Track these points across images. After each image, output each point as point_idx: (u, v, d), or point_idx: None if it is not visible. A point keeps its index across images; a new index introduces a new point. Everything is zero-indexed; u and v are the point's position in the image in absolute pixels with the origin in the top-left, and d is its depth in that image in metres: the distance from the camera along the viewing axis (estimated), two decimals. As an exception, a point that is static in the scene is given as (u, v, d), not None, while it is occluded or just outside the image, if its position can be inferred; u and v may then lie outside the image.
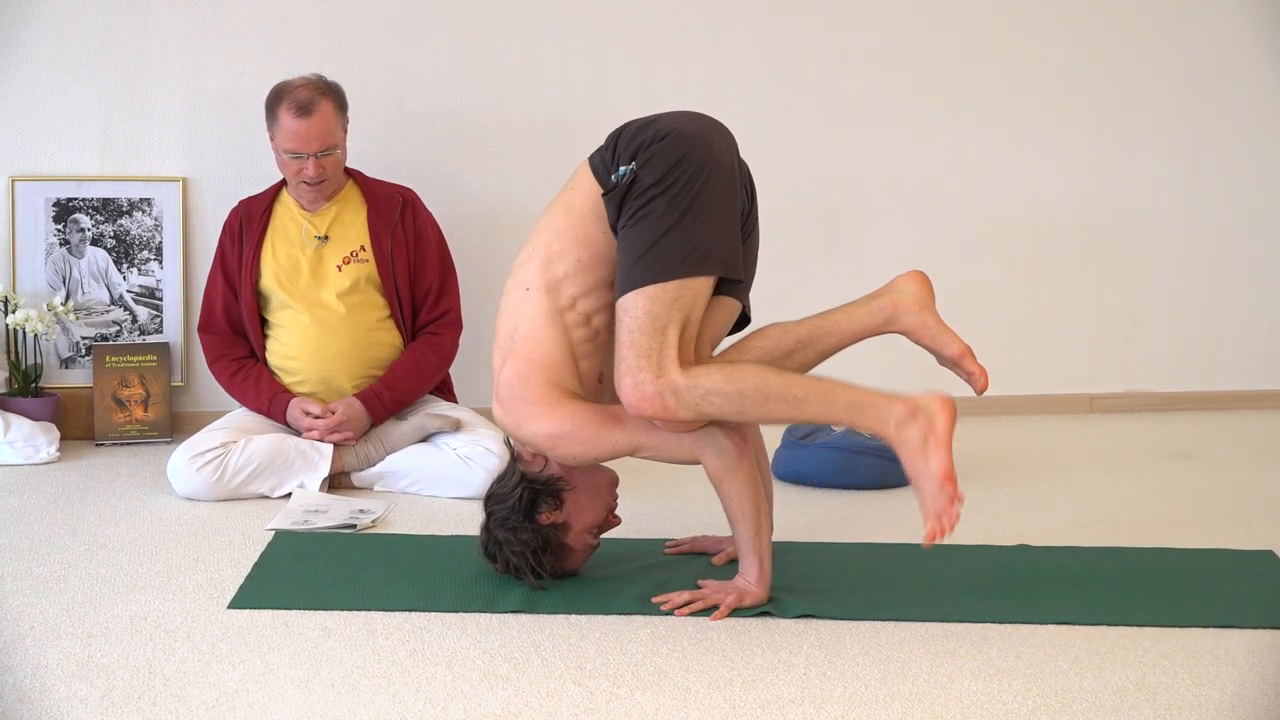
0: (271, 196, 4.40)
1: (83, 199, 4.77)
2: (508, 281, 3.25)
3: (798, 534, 3.75)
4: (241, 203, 4.44)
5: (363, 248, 4.33)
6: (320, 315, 4.28)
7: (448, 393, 4.51)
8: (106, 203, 4.79)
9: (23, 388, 4.62)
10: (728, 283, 3.17)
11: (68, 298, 4.75)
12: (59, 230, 4.77)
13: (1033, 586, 3.35)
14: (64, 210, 4.77)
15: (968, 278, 5.16)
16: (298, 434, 4.20)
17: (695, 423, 3.10)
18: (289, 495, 4.07)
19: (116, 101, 4.77)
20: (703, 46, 5.05)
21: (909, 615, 3.15)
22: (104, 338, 4.80)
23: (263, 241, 4.34)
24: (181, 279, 4.82)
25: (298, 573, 3.41)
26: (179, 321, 4.82)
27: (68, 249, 4.77)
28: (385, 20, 4.86)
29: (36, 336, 4.62)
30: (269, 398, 4.26)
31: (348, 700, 2.70)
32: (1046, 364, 5.38)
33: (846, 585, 3.34)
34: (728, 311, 3.23)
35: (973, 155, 5.25)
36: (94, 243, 4.79)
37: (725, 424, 3.15)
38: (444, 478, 4.12)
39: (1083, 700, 2.73)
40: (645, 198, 3.09)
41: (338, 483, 4.17)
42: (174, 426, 4.77)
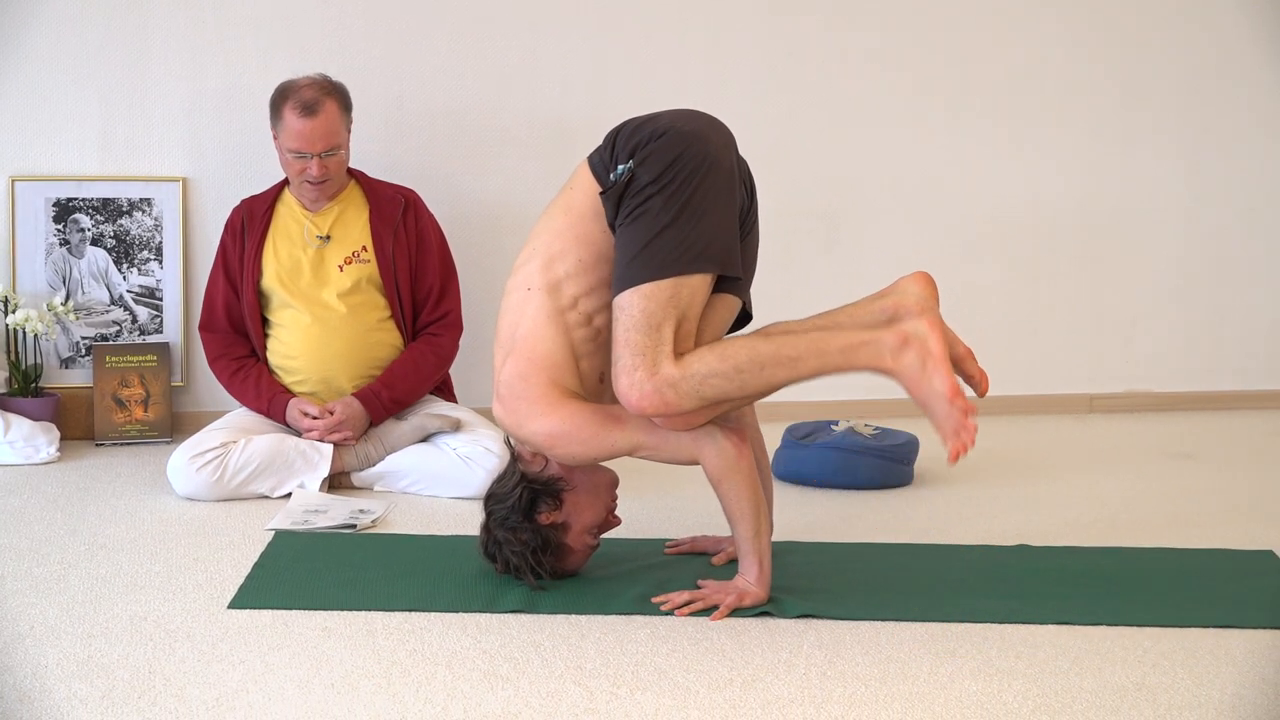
0: (273, 196, 4.40)
1: (83, 199, 4.77)
2: (509, 281, 3.25)
3: (798, 534, 3.75)
4: (243, 202, 4.44)
5: (364, 248, 4.33)
6: (321, 315, 4.28)
7: (448, 393, 4.51)
8: (106, 203, 4.79)
9: (23, 388, 4.62)
10: (727, 280, 3.17)
11: (68, 298, 4.75)
12: (59, 230, 4.77)
13: (1033, 586, 3.35)
14: (64, 210, 4.76)
15: (968, 278, 5.16)
16: (298, 434, 4.20)
17: (699, 418, 3.10)
18: (289, 495, 4.07)
19: (116, 101, 4.77)
20: (703, 46, 5.05)
21: (909, 615, 3.15)
22: (104, 338, 4.80)
23: (264, 241, 4.34)
24: (181, 279, 4.82)
25: (298, 573, 3.41)
26: (179, 321, 4.82)
27: (68, 249, 4.77)
28: (385, 20, 4.86)
29: (36, 336, 4.62)
30: (269, 398, 4.26)
31: (348, 700, 2.70)
32: (1046, 364, 5.38)
33: (846, 585, 3.34)
34: (728, 309, 3.23)
35: (973, 155, 5.25)
36: (94, 243, 4.79)
37: (724, 424, 3.15)
38: (444, 478, 4.12)
39: (1083, 700, 2.73)
40: (642, 196, 3.08)
41: (338, 483, 4.17)
42: (174, 426, 4.77)
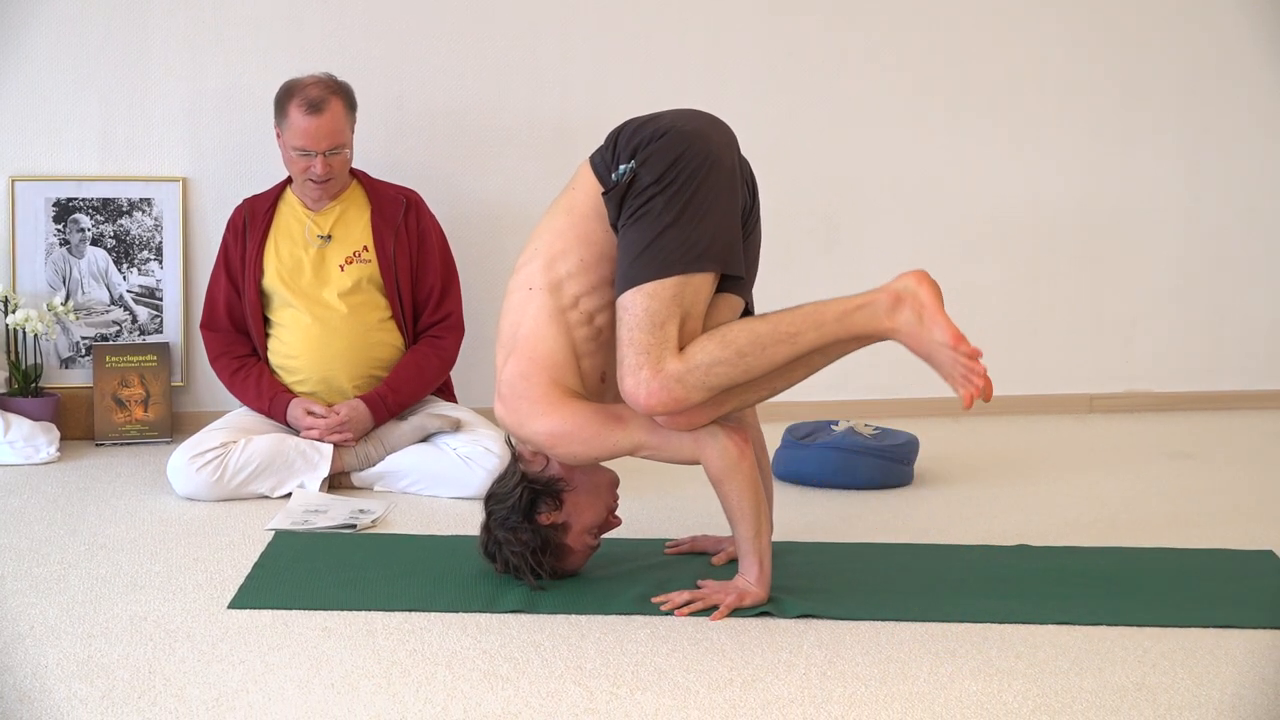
0: (275, 195, 4.40)
1: (83, 199, 4.77)
2: (510, 281, 3.25)
3: (798, 534, 3.75)
4: (245, 201, 4.44)
5: (365, 248, 4.33)
6: (322, 315, 4.28)
7: (448, 393, 4.51)
8: (106, 203, 4.78)
9: (23, 388, 4.62)
10: (730, 280, 3.18)
11: (68, 298, 4.75)
12: (59, 230, 4.76)
13: (1033, 586, 3.35)
14: (64, 210, 4.76)
15: (968, 278, 5.16)
16: (298, 434, 4.20)
17: (703, 415, 3.10)
18: (289, 495, 4.07)
19: (116, 101, 4.77)
20: (703, 46, 5.05)
21: (909, 615, 3.15)
22: (104, 338, 4.80)
23: (266, 240, 4.34)
24: (181, 279, 4.82)
25: (298, 573, 3.41)
26: (179, 321, 4.82)
27: (68, 249, 4.77)
28: (385, 20, 4.86)
29: (36, 336, 4.62)
30: (270, 397, 4.26)
31: (348, 700, 2.70)
32: (1046, 364, 5.38)
33: (846, 585, 3.34)
34: (730, 308, 3.23)
35: (973, 155, 5.25)
36: (94, 243, 4.79)
37: (726, 424, 3.15)
38: (444, 478, 4.12)
39: (1083, 700, 2.73)
40: (645, 196, 3.09)
41: (338, 483, 4.17)
42: (174, 426, 4.77)
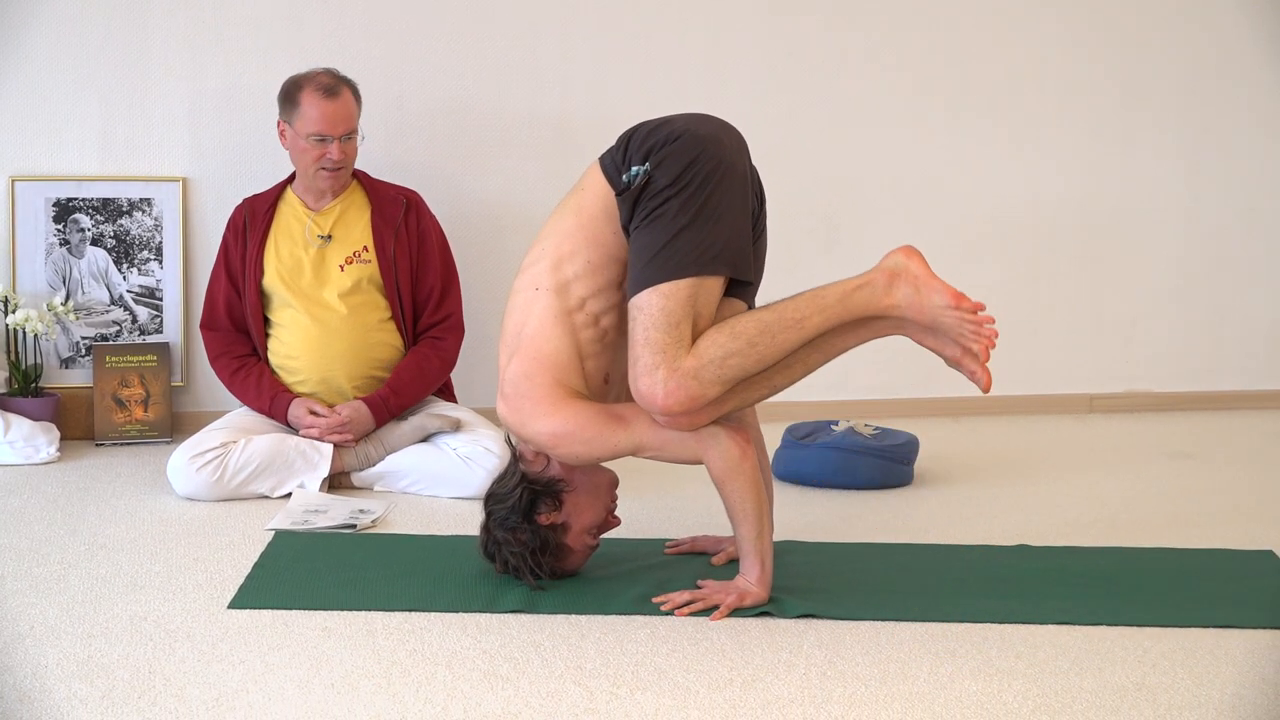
0: (275, 195, 4.40)
1: (83, 199, 4.77)
2: (516, 281, 3.25)
3: (798, 534, 3.75)
4: (245, 200, 4.44)
5: (365, 248, 4.33)
6: (321, 315, 4.28)
7: (448, 393, 4.51)
8: (106, 203, 4.78)
9: (23, 388, 4.62)
10: (736, 285, 3.18)
11: (68, 298, 4.75)
12: (59, 230, 4.76)
13: (1033, 586, 3.35)
14: (64, 210, 4.76)
15: (968, 278, 5.10)
16: (298, 433, 4.20)
17: (708, 415, 3.10)
18: (289, 495, 4.07)
19: (116, 101, 4.77)
20: (703, 46, 5.05)
21: (909, 615, 3.15)
22: (104, 338, 4.80)
23: (266, 240, 4.34)
24: (181, 279, 4.82)
25: (298, 573, 3.41)
26: (179, 321, 4.82)
27: (68, 249, 4.77)
28: (385, 20, 4.86)
29: (36, 336, 4.62)
30: (270, 397, 4.25)
31: (348, 700, 2.70)
32: (1046, 364, 5.38)
33: (846, 585, 3.34)
34: (734, 313, 3.23)
35: (973, 155, 5.25)
36: (94, 243, 4.79)
37: (728, 424, 3.15)
38: (444, 478, 4.12)
39: (1083, 700, 2.73)
40: (660, 198, 3.09)
41: (338, 483, 4.17)
42: (174, 426, 4.77)
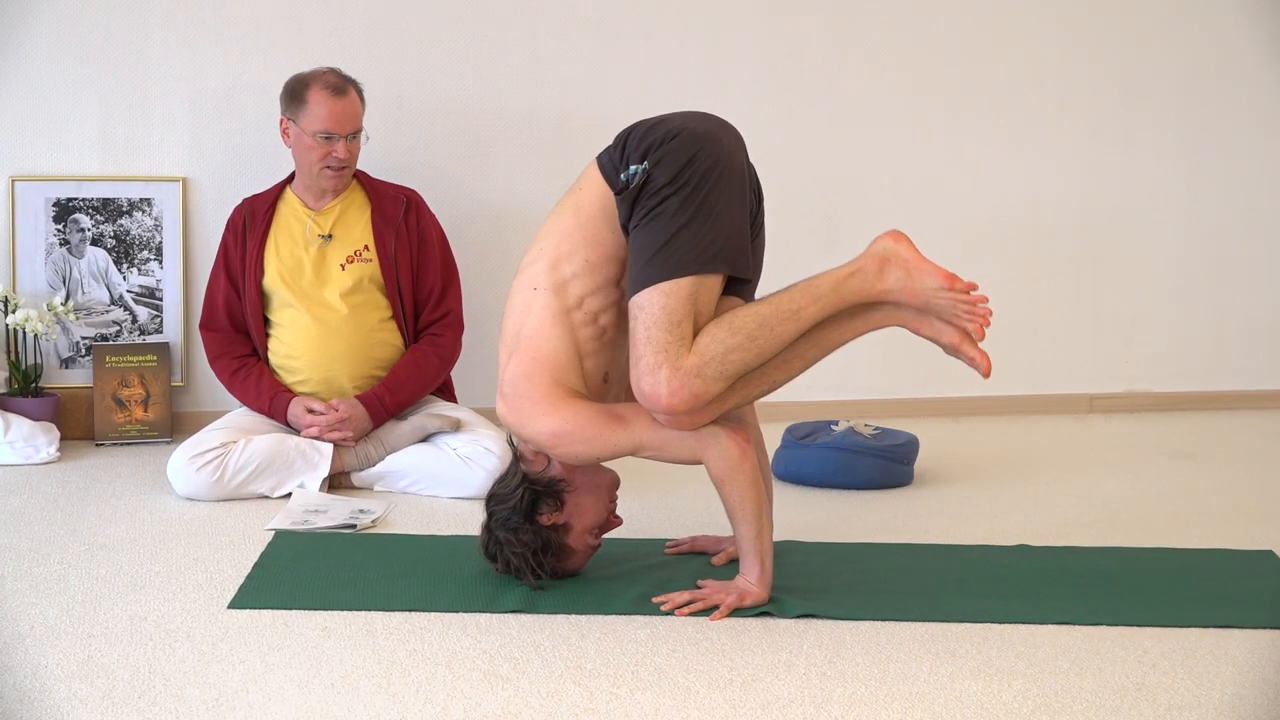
0: (275, 195, 4.40)
1: (83, 199, 4.77)
2: (515, 281, 3.25)
3: (798, 534, 3.75)
4: (245, 201, 4.44)
5: (366, 247, 4.33)
6: (322, 315, 4.28)
7: (448, 393, 4.51)
8: (106, 203, 4.78)
9: (23, 388, 4.62)
10: (735, 282, 3.18)
11: (68, 298, 4.75)
12: (59, 230, 4.76)
13: (1033, 586, 3.35)
14: (64, 210, 4.76)
15: (968, 277, 5.14)
16: (298, 433, 4.20)
17: (708, 413, 3.10)
18: (289, 495, 4.07)
19: (116, 101, 4.77)
20: (703, 47, 5.05)
21: (909, 615, 3.15)
22: (104, 338, 4.80)
23: (266, 240, 4.34)
24: (181, 279, 4.82)
25: (298, 573, 3.41)
26: (179, 321, 4.82)
27: (68, 249, 4.77)
28: (385, 20, 4.86)
29: (36, 336, 4.62)
30: (270, 397, 4.25)
31: (348, 700, 2.70)
32: (1046, 364, 5.38)
33: (846, 585, 3.34)
34: (731, 309, 3.23)
35: (973, 155, 5.25)
36: (94, 243, 4.79)
37: (727, 424, 3.15)
38: (444, 478, 4.12)
39: (1083, 700, 2.73)
40: (659, 197, 3.09)
41: (338, 483, 4.17)
42: (174, 426, 4.77)
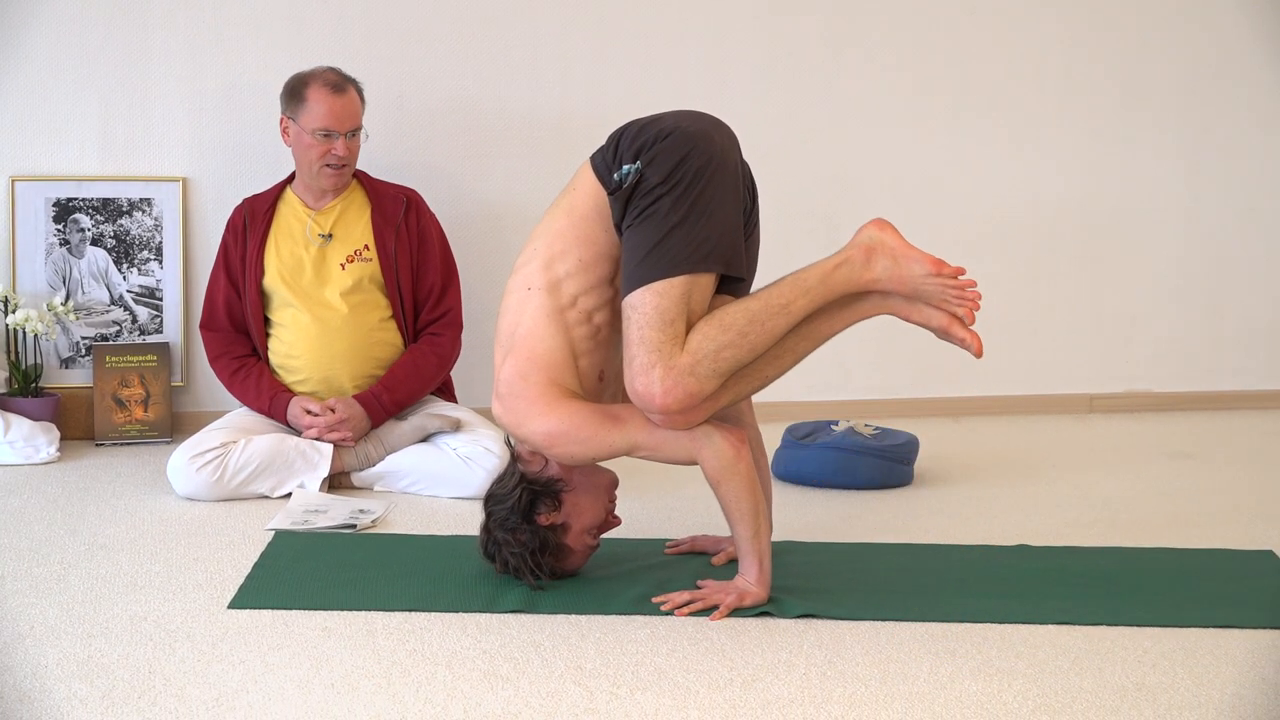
0: (275, 194, 4.40)
1: (83, 199, 4.77)
2: (509, 281, 3.25)
3: (798, 534, 3.75)
4: (245, 200, 4.44)
5: (366, 247, 4.34)
6: (322, 315, 4.28)
7: (448, 393, 4.51)
8: (106, 203, 4.79)
9: (23, 388, 4.62)
10: (729, 281, 3.18)
11: (68, 298, 4.75)
12: (59, 230, 4.77)
13: (1033, 586, 3.35)
14: (64, 210, 4.76)
15: (967, 277, 5.15)
16: (298, 433, 4.20)
17: (703, 411, 3.10)
18: (289, 495, 4.07)
19: (116, 101, 4.77)
20: (703, 47, 5.05)
21: (909, 615, 3.15)
22: (104, 338, 4.80)
23: (266, 239, 4.34)
24: (181, 279, 4.82)
25: (298, 573, 3.41)
26: (179, 321, 4.82)
27: (68, 249, 4.77)
28: (385, 20, 4.86)
29: (36, 336, 4.62)
30: (269, 397, 4.25)
31: (348, 700, 2.70)
32: (1046, 364, 5.38)
33: (846, 585, 3.34)
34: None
35: (973, 155, 5.25)
36: (94, 243, 4.79)
37: (722, 425, 3.15)
38: (444, 478, 4.12)
39: (1083, 700, 2.73)
40: (651, 196, 3.09)
41: (338, 483, 4.17)
42: (174, 426, 4.77)
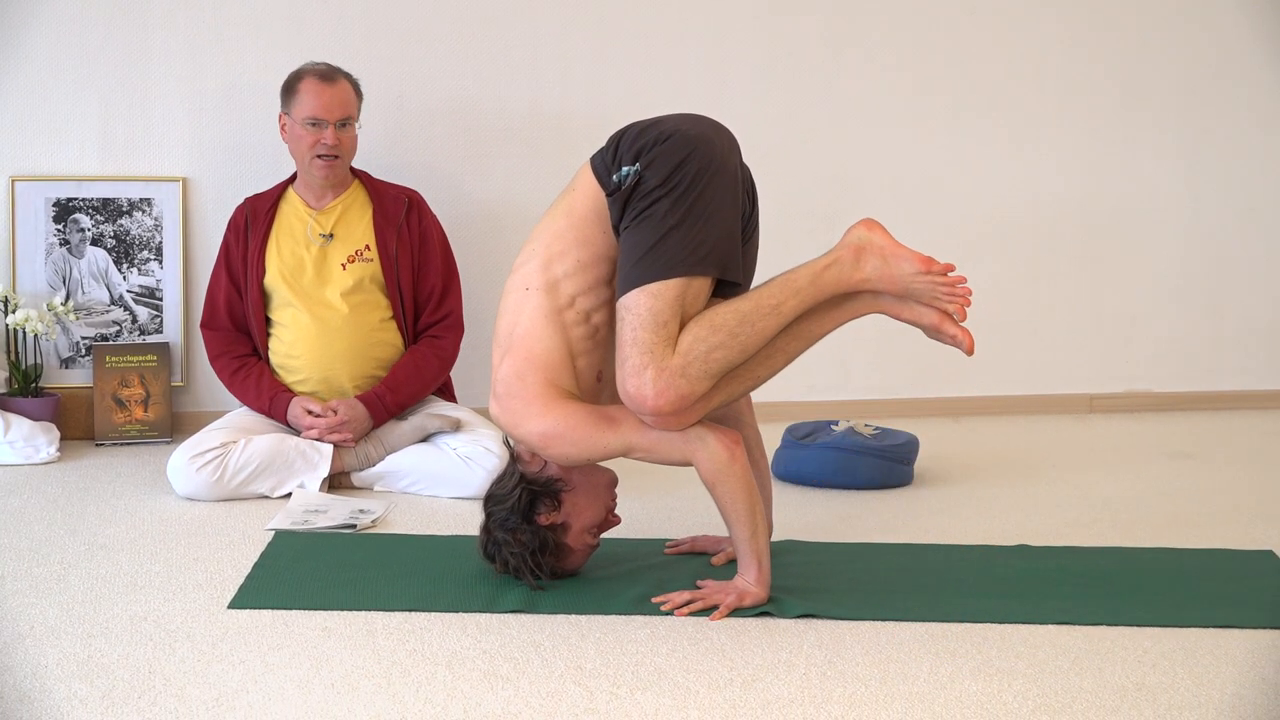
0: (277, 194, 4.41)
1: (83, 199, 4.77)
2: (508, 281, 3.25)
3: (798, 534, 3.75)
4: (247, 200, 4.44)
5: (367, 247, 4.34)
6: (323, 315, 4.28)
7: (448, 393, 4.51)
8: (106, 203, 4.79)
9: (23, 388, 4.62)
10: (725, 285, 3.18)
11: (68, 298, 4.75)
12: (59, 230, 4.77)
13: (1033, 586, 3.35)
14: (64, 210, 4.76)
15: (968, 278, 5.15)
16: (298, 433, 4.20)
17: (696, 412, 3.10)
18: (289, 495, 4.07)
19: (116, 101, 4.77)
20: (703, 47, 5.05)
21: (909, 615, 3.15)
22: (104, 338, 4.80)
23: (268, 238, 4.34)
24: (181, 279, 4.82)
25: (298, 573, 3.41)
26: (179, 321, 4.82)
27: (68, 249, 4.77)
28: (385, 20, 4.86)
29: (36, 336, 4.62)
30: (270, 396, 4.26)
31: (348, 700, 2.70)
32: (1046, 364, 5.38)
33: (846, 585, 3.34)
34: None
35: (973, 155, 5.25)
36: (94, 243, 4.79)
37: (716, 426, 3.15)
38: (444, 478, 4.12)
39: (1083, 700, 2.73)
40: (650, 198, 3.09)
41: (338, 483, 4.17)
42: (174, 426, 4.77)
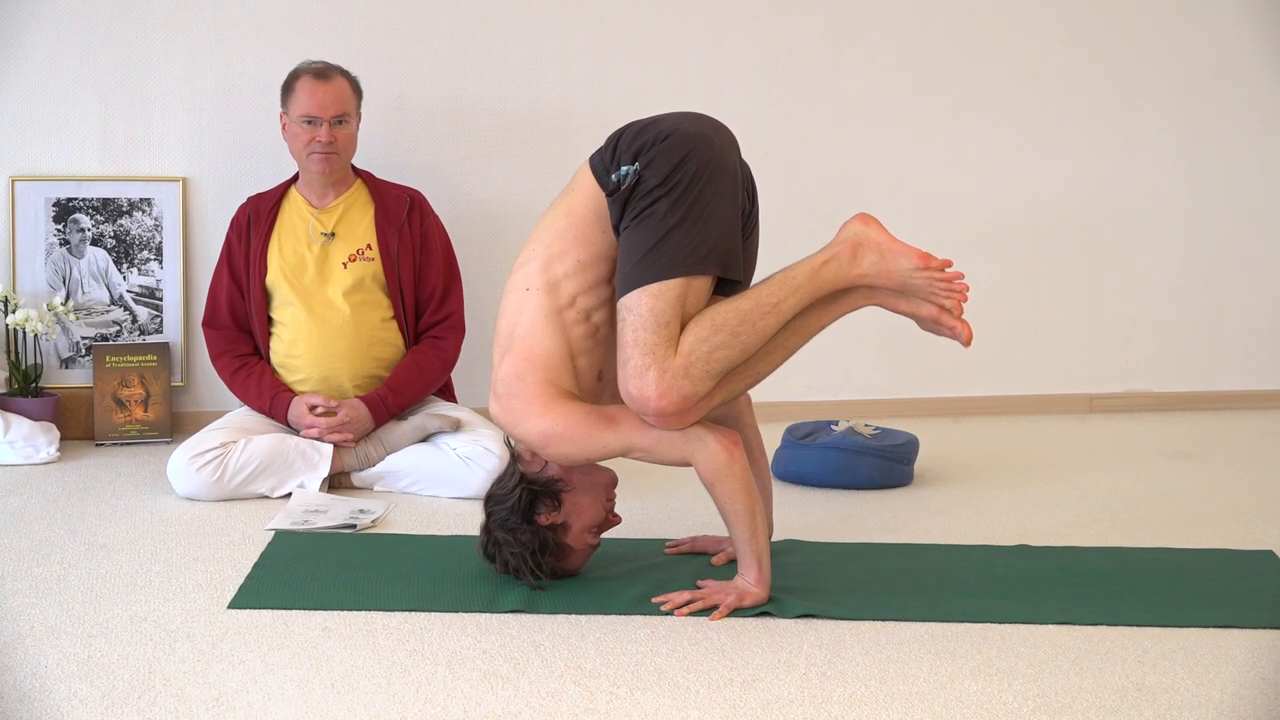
0: (280, 194, 4.41)
1: (83, 199, 4.77)
2: (508, 282, 3.26)
3: (798, 534, 3.75)
4: (250, 199, 4.45)
5: (369, 246, 4.34)
6: (324, 314, 4.28)
7: (448, 393, 4.51)
8: (106, 203, 4.79)
9: (23, 388, 4.62)
10: (725, 283, 3.18)
11: (68, 298, 4.75)
12: (59, 230, 4.77)
13: (1033, 586, 3.35)
14: (64, 210, 4.76)
15: (967, 277, 5.15)
16: (298, 433, 4.20)
17: (697, 411, 3.10)
18: (289, 495, 4.07)
19: (116, 101, 4.77)
20: (703, 47, 5.05)
21: (909, 615, 3.15)
22: (104, 338, 4.80)
23: (270, 237, 4.34)
24: (181, 279, 4.82)
25: (298, 573, 3.41)
26: (179, 321, 4.82)
27: (68, 249, 4.77)
28: (385, 20, 4.86)
29: (36, 336, 4.62)
30: (270, 396, 4.26)
31: (348, 700, 2.70)
32: (1046, 364, 5.38)
33: (846, 585, 3.34)
34: None
35: (973, 155, 5.25)
36: (94, 243, 4.79)
37: (715, 427, 3.16)
38: (444, 478, 4.12)
39: (1083, 700, 2.73)
40: (650, 198, 3.09)
41: (338, 483, 4.17)
42: (174, 426, 4.77)
